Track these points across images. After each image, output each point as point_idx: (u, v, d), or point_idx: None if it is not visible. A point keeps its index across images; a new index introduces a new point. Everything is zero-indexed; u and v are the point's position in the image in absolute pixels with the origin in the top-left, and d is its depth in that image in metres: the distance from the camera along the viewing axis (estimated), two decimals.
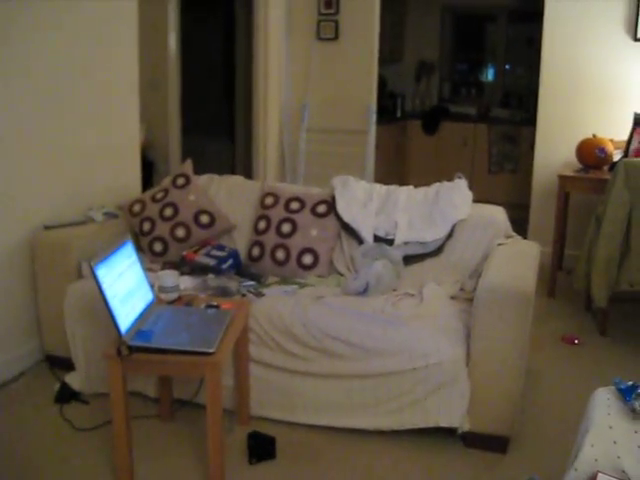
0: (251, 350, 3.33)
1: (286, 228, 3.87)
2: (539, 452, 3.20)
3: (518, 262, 3.40)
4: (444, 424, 3.13)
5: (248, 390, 3.35)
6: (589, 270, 4.53)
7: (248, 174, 6.50)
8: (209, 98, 8.30)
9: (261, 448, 3.10)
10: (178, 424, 3.38)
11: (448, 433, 3.19)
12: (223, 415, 2.80)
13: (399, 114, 8.78)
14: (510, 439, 3.19)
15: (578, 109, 5.75)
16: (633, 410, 2.02)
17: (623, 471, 1.93)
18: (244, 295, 3.49)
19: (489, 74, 9.10)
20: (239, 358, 3.29)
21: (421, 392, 3.10)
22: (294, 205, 3.95)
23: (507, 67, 8.91)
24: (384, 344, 3.12)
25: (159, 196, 4.11)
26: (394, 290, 3.62)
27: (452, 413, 3.10)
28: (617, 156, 5.06)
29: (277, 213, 3.95)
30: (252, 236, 4.02)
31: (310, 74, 6.63)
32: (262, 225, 3.95)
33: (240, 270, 3.85)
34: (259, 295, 3.51)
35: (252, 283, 3.66)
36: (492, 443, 3.17)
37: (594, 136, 5.29)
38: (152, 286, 3.15)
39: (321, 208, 3.94)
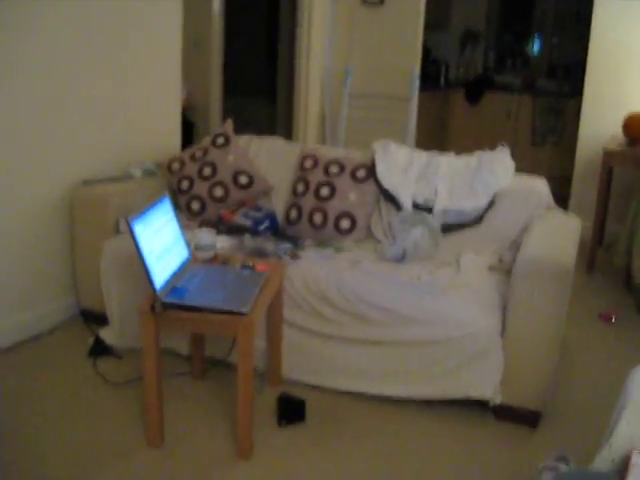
0: (285, 312, 3.32)
1: (324, 191, 3.84)
2: (570, 429, 3.17)
3: (558, 235, 3.35)
4: (476, 396, 3.10)
5: (280, 352, 3.35)
6: (630, 246, 4.47)
7: (288, 137, 6.46)
8: (252, 59, 8.25)
9: (291, 410, 3.10)
10: (209, 383, 3.40)
11: (479, 405, 3.17)
12: (254, 376, 2.80)
13: (442, 82, 8.67)
14: (542, 414, 3.17)
15: (626, 83, 5.63)
16: None
17: None
18: (280, 257, 3.47)
19: (535, 45, 8.93)
20: (273, 320, 3.28)
21: (454, 362, 3.08)
22: (333, 169, 3.91)
23: (554, 39, 8.72)
24: (419, 312, 3.10)
25: (198, 155, 4.10)
26: (432, 258, 3.58)
27: (484, 385, 3.08)
28: None
29: (316, 176, 3.91)
30: (290, 198, 3.99)
31: (354, 39, 6.55)
32: (300, 188, 3.92)
33: (277, 232, 3.83)
34: (295, 258, 3.49)
35: (288, 245, 3.64)
36: (523, 417, 3.15)
37: None
38: (188, 244, 3.14)
39: (360, 172, 3.89)
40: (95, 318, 3.83)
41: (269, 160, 4.20)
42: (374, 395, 3.27)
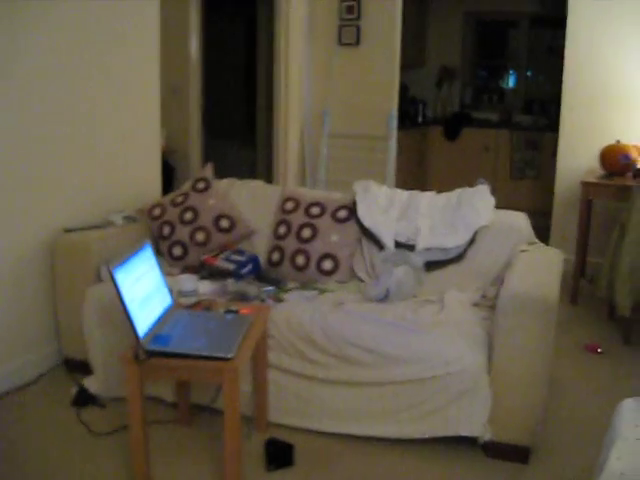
0: (270, 356, 3.30)
1: (306, 233, 3.84)
2: (561, 463, 3.14)
3: (541, 269, 3.35)
4: (465, 433, 3.08)
5: (266, 396, 3.32)
6: (613, 278, 4.48)
7: (269, 179, 6.48)
8: (230, 103, 8.30)
9: (279, 455, 3.07)
10: (196, 429, 3.36)
11: (469, 442, 3.14)
12: (241, 421, 2.76)
13: (420, 120, 8.75)
14: (532, 449, 3.15)
15: (601, 115, 5.69)
16: None
17: None
18: (263, 300, 3.46)
19: (511, 80, 9.05)
20: (258, 364, 3.25)
21: (442, 400, 3.06)
22: (314, 210, 3.92)
23: (529, 73, 8.85)
24: (404, 351, 3.08)
25: (179, 200, 4.10)
26: (415, 297, 3.58)
27: (473, 422, 3.05)
28: None
29: (297, 218, 3.92)
30: (272, 241, 3.99)
31: (331, 79, 6.61)
32: (282, 230, 3.93)
33: (260, 275, 3.82)
34: (278, 300, 3.48)
35: (271, 288, 3.63)
36: (514, 453, 3.12)
37: (618, 142, 5.25)
38: (171, 290, 3.13)
39: (342, 213, 3.90)
40: (79, 367, 3.79)
41: (250, 203, 4.21)
42: (362, 436, 3.24)
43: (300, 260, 3.80)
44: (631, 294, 4.36)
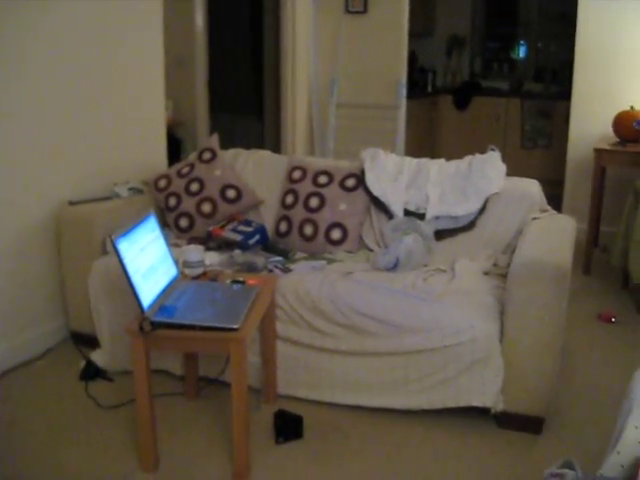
0: (278, 327, 3.26)
1: (314, 202, 3.79)
2: (575, 434, 3.10)
3: (553, 236, 3.29)
4: (476, 403, 3.04)
5: (275, 368, 3.28)
6: (626, 246, 4.42)
7: (277, 151, 6.40)
8: (237, 75, 8.21)
9: (288, 427, 3.04)
10: (204, 402, 3.33)
11: (481, 413, 3.10)
12: (249, 393, 2.74)
13: (430, 89, 8.65)
14: (545, 420, 3.11)
15: (614, 81, 5.61)
16: None
17: None
18: (271, 271, 3.42)
19: (521, 48, 8.92)
20: (266, 335, 3.21)
21: (453, 370, 3.01)
22: (322, 179, 3.86)
23: (540, 41, 8.71)
24: (414, 321, 3.03)
25: (185, 171, 4.04)
26: (425, 266, 3.53)
27: (485, 392, 3.01)
28: None
29: (305, 187, 3.86)
30: (279, 211, 3.94)
31: (339, 48, 6.52)
32: (289, 200, 3.87)
33: (267, 246, 3.78)
34: (286, 271, 3.43)
35: (279, 259, 3.58)
36: (526, 424, 3.08)
37: (632, 108, 5.17)
38: (177, 261, 3.08)
39: (350, 182, 3.84)
40: (86, 341, 3.76)
41: (257, 173, 4.15)
42: (373, 407, 3.20)
43: (308, 230, 3.75)
44: None
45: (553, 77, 8.38)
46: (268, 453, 2.94)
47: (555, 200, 5.38)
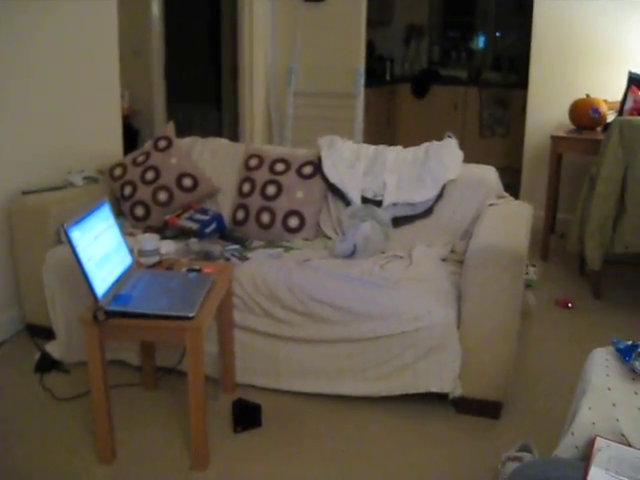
0: (235, 316, 3.24)
1: (271, 190, 3.76)
2: (533, 417, 3.13)
3: (510, 222, 3.30)
4: (435, 389, 3.04)
5: (233, 357, 3.26)
6: (583, 232, 4.45)
7: (235, 140, 6.35)
8: (195, 64, 8.14)
9: (246, 416, 3.02)
10: (161, 392, 3.30)
11: (439, 399, 3.11)
12: (207, 383, 2.73)
13: (388, 78, 8.65)
14: (503, 404, 3.13)
15: (570, 70, 5.65)
16: (633, 370, 1.93)
17: (622, 434, 1.86)
18: (228, 259, 3.39)
19: (479, 37, 8.95)
20: (223, 324, 3.19)
21: (411, 356, 3.01)
22: (279, 167, 3.84)
23: (498, 29, 8.75)
24: (372, 307, 3.03)
25: (140, 159, 3.99)
26: (382, 252, 3.53)
27: (443, 378, 3.02)
28: (611, 116, 4.97)
29: (262, 175, 3.83)
30: (236, 199, 3.90)
31: (297, 37, 6.48)
32: (246, 188, 3.84)
33: (224, 234, 3.75)
34: (243, 259, 3.41)
35: (236, 247, 3.55)
36: (485, 409, 3.10)
37: (587, 96, 5.19)
38: (132, 250, 3.04)
39: (307, 169, 3.83)
40: (41, 332, 3.70)
41: (213, 161, 4.11)
42: (332, 395, 3.20)
43: (265, 218, 3.73)
44: (600, 248, 4.34)
45: (511, 66, 8.43)
46: (227, 442, 2.92)
47: (513, 188, 5.43)
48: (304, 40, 6.49)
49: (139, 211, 3.87)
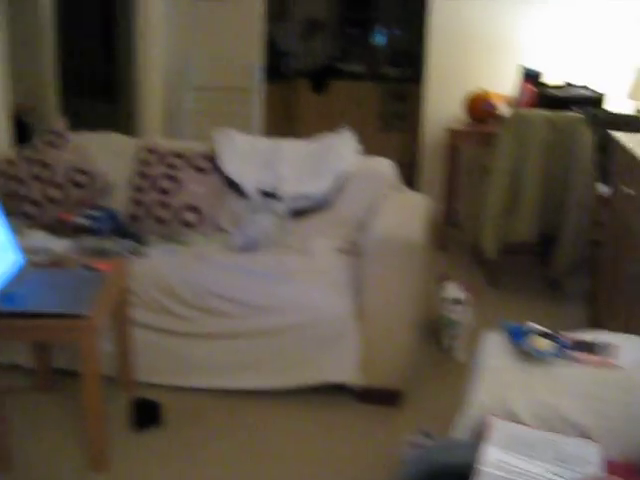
0: (133, 313, 3.17)
1: (166, 185, 3.70)
2: (433, 404, 3.18)
3: (405, 212, 3.34)
4: (334, 380, 3.06)
5: (131, 355, 3.19)
6: (479, 223, 4.54)
7: (132, 136, 6.23)
8: (90, 58, 7.96)
9: (145, 415, 2.98)
10: (57, 395, 3.20)
11: (340, 390, 3.13)
12: (105, 382, 2.68)
13: (288, 73, 8.62)
14: (404, 393, 3.17)
15: (465, 64, 5.74)
16: (522, 351, 1.98)
17: (515, 413, 1.90)
18: (123, 256, 3.31)
19: (378, 33, 9.02)
20: (119, 322, 3.11)
21: (310, 348, 3.03)
22: (175, 161, 3.78)
23: (397, 25, 8.83)
24: (270, 300, 3.03)
25: (30, 155, 3.87)
26: (280, 246, 3.51)
27: (343, 368, 3.04)
28: (504, 109, 5.07)
29: (157, 169, 3.76)
30: (131, 195, 3.81)
31: (194, 32, 6.39)
32: (142, 183, 3.76)
33: (119, 230, 3.65)
34: (139, 255, 3.35)
35: (132, 243, 3.48)
36: (385, 397, 3.14)
37: (482, 90, 5.29)
38: (22, 249, 2.94)
39: (203, 163, 3.78)
40: None
41: (107, 156, 4.00)
42: (232, 390, 3.17)
43: (161, 213, 3.66)
44: (496, 238, 4.44)
45: (409, 61, 8.50)
46: (127, 442, 2.88)
47: (413, 181, 5.50)
48: (202, 34, 6.40)
49: (30, 209, 3.74)
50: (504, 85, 5.43)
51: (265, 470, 2.75)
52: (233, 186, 3.78)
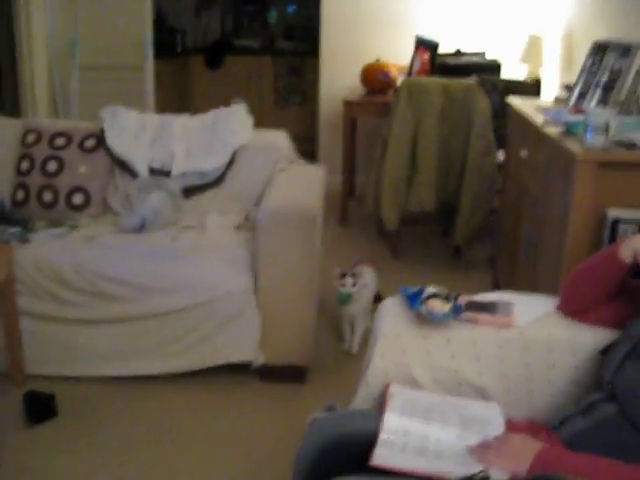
0: (20, 302, 3.01)
1: (52, 167, 3.53)
2: (338, 379, 3.16)
3: (300, 185, 3.29)
4: (236, 359, 3.01)
5: (20, 347, 3.04)
6: (378, 194, 4.52)
7: (17, 117, 5.97)
8: None
9: (40, 407, 2.87)
10: None
11: (243, 369, 3.07)
12: None
13: (180, 49, 8.43)
14: (307, 368, 3.14)
15: (361, 37, 5.75)
16: (419, 316, 1.94)
17: (414, 379, 1.90)
18: (7, 243, 3.15)
19: (274, 8, 8.91)
20: (5, 312, 2.96)
21: (208, 329, 2.96)
22: (59, 141, 3.60)
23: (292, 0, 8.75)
24: (163, 281, 2.94)
25: None
26: (174, 224, 3.42)
27: (243, 347, 2.99)
28: (401, 79, 5.06)
29: (41, 151, 3.58)
30: (15, 178, 3.62)
31: (78, 7, 6.15)
32: (25, 165, 3.58)
33: (3, 216, 3.49)
34: (24, 241, 3.20)
35: (17, 229, 3.31)
36: (289, 374, 3.10)
37: (377, 60, 5.29)
38: None
39: (90, 142, 3.62)
40: None
41: None
42: (130, 376, 3.07)
43: (47, 196, 3.50)
44: (396, 208, 4.44)
45: (304, 35, 8.44)
46: (21, 437, 2.76)
47: (312, 155, 5.45)
48: (88, 11, 6.17)
49: None
50: (402, 56, 5.45)
51: (166, 457, 2.67)
52: (122, 165, 3.63)
